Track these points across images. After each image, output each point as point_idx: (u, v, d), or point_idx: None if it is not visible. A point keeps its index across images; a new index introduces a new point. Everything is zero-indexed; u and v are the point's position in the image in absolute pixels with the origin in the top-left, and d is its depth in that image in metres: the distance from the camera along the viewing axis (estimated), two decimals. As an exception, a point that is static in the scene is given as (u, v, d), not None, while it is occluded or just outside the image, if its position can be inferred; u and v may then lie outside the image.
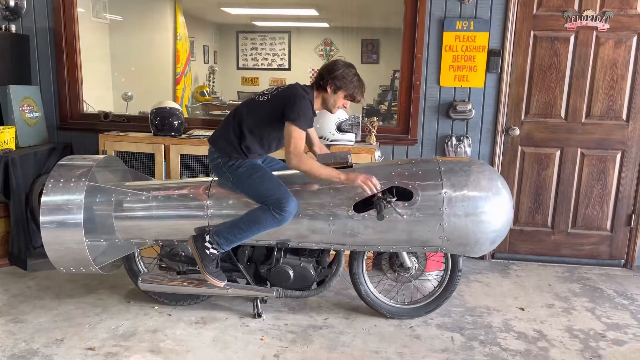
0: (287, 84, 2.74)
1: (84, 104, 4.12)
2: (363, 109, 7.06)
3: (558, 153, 3.76)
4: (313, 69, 9.55)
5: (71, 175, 2.63)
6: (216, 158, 2.72)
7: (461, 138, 3.75)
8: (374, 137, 3.65)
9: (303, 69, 9.73)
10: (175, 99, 6.02)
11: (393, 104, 8.10)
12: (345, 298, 3.15)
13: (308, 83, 2.73)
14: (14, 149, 3.47)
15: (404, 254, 2.82)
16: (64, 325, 2.72)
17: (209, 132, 3.71)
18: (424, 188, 2.57)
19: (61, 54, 3.94)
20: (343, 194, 2.62)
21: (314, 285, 2.84)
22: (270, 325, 2.79)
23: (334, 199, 2.62)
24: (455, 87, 3.73)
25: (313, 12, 7.48)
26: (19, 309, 2.88)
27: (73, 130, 4.05)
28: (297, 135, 2.52)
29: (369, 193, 2.52)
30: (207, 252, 2.63)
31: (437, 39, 3.68)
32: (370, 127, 3.68)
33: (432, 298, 2.90)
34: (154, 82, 5.97)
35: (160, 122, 3.64)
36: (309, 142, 2.91)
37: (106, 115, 3.99)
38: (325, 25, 9.14)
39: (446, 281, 2.88)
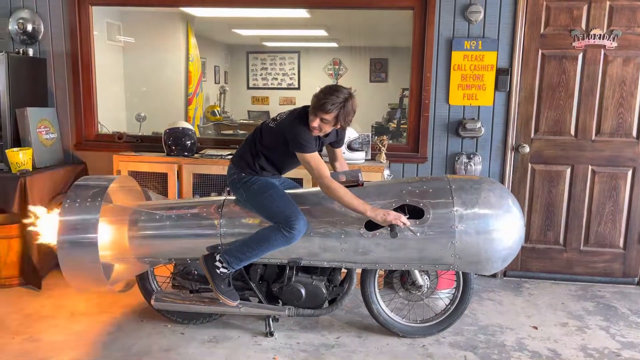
0: (294, 108, 2.79)
1: (99, 124, 4.19)
2: (372, 127, 7.12)
3: (569, 170, 3.76)
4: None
5: (87, 195, 2.68)
6: (233, 174, 2.77)
7: (471, 156, 3.77)
8: (384, 156, 3.68)
9: (312, 88, 9.79)
10: (187, 119, 6.10)
11: (402, 122, 8.15)
12: (357, 316, 3.15)
13: None
14: (31, 169, 3.54)
15: (416, 272, 2.83)
16: (79, 345, 2.74)
17: (222, 152, 3.79)
18: (435, 206, 2.59)
19: (77, 77, 4.03)
20: (354, 212, 2.64)
21: (326, 304, 2.85)
22: (283, 344, 2.80)
23: (346, 217, 2.64)
24: (464, 106, 3.77)
25: (322, 32, 7.59)
26: (34, 327, 2.91)
27: (88, 150, 4.12)
28: (312, 160, 2.58)
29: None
30: (218, 271, 2.65)
31: (446, 59, 3.73)
32: (380, 145, 3.71)
33: (444, 316, 2.89)
34: (167, 103, 6.07)
35: (174, 142, 3.70)
36: (332, 157, 2.98)
37: (120, 135, 4.06)
38: (334, 45, 9.25)
39: (458, 299, 2.88)
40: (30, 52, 3.93)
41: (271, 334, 2.86)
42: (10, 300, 3.27)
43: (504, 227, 2.57)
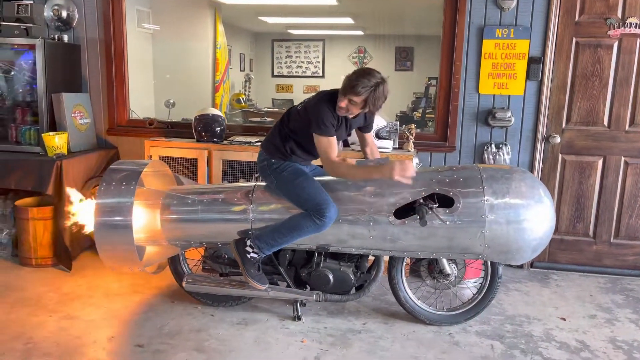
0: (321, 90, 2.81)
1: (130, 110, 4.27)
2: (397, 116, 7.08)
3: (600, 161, 3.70)
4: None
5: (122, 178, 2.75)
6: (263, 160, 2.81)
7: (500, 146, 3.74)
8: (411, 144, 3.67)
9: (336, 77, 9.81)
10: (214, 106, 6.17)
11: (427, 111, 8.09)
12: (383, 303, 3.17)
13: None
14: (66, 153, 3.64)
15: (444, 260, 2.83)
16: (114, 323, 2.83)
17: (250, 139, 3.82)
18: (465, 195, 2.58)
19: (110, 63, 4.11)
20: (384, 199, 2.66)
21: (353, 290, 2.88)
22: (310, 328, 2.84)
23: (375, 204, 2.66)
24: (494, 95, 3.73)
25: (349, 20, 7.55)
26: (70, 306, 3.01)
27: (119, 135, 4.20)
28: (323, 143, 2.59)
29: (408, 182, 2.51)
30: (248, 256, 2.70)
31: (477, 47, 3.69)
32: (408, 134, 3.70)
33: (471, 305, 2.90)
34: (194, 90, 6.13)
35: (204, 129, 3.75)
36: (362, 142, 3.00)
37: (151, 121, 4.13)
38: (360, 33, 9.20)
39: (485, 289, 2.88)
40: (65, 38, 4.02)
41: (299, 318, 2.91)
42: (47, 279, 3.38)
43: (534, 217, 2.56)
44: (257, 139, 3.79)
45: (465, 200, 2.58)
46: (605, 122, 3.66)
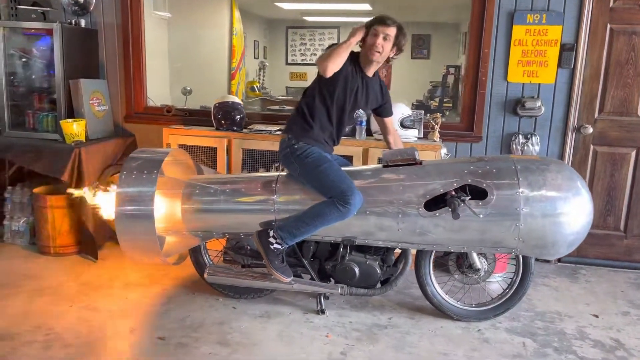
0: None
1: (147, 97, 4.20)
2: (412, 105, 6.93)
3: (634, 153, 3.57)
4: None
5: (143, 167, 2.67)
6: (285, 147, 2.73)
7: (528, 136, 3.61)
8: (437, 134, 3.56)
9: (352, 65, 9.67)
10: (230, 94, 6.08)
11: (445, 100, 7.91)
12: (408, 297, 3.09)
13: None
14: (84, 140, 3.57)
15: (474, 254, 2.74)
16: (135, 314, 2.78)
17: (270, 127, 3.73)
18: (499, 187, 2.48)
19: (127, 49, 4.02)
20: (413, 191, 2.56)
21: (378, 284, 2.79)
22: (334, 322, 2.77)
23: (403, 195, 2.56)
24: (523, 83, 3.60)
25: (367, 6, 7.39)
26: (91, 296, 2.96)
27: (137, 123, 4.13)
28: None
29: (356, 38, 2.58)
30: (272, 247, 2.62)
31: (506, 33, 3.55)
32: (434, 123, 3.59)
33: (502, 301, 2.81)
34: (210, 77, 6.04)
35: (223, 116, 3.66)
36: (384, 129, 2.97)
37: (169, 109, 4.05)
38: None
39: (516, 284, 2.78)
40: (83, 23, 3.93)
41: (322, 312, 2.83)
42: (66, 268, 3.34)
43: (572, 210, 2.45)
44: (277, 128, 3.70)
45: (499, 192, 2.47)
46: (639, 113, 3.52)
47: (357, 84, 2.71)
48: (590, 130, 3.56)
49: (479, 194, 2.52)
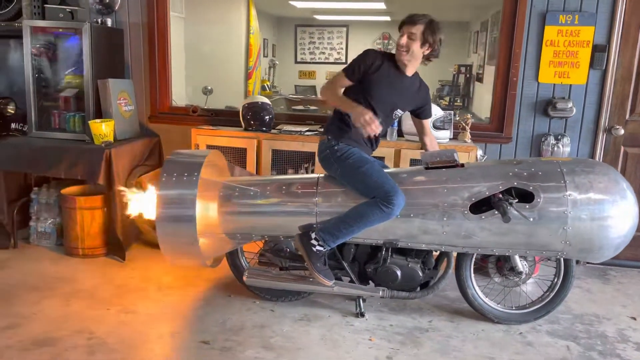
0: None
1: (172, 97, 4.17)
2: None
3: (664, 154, 3.56)
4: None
5: (183, 170, 2.65)
6: (325, 149, 2.72)
7: (559, 137, 3.60)
8: (468, 135, 3.55)
9: (360, 64, 9.64)
10: (247, 93, 6.05)
11: (455, 99, 7.90)
12: (444, 300, 3.07)
13: None
14: (113, 141, 3.54)
15: (516, 257, 2.72)
16: (174, 317, 2.76)
17: (299, 128, 3.71)
18: (546, 190, 2.46)
19: (153, 49, 3.99)
20: (458, 193, 2.54)
21: (418, 287, 2.78)
22: (375, 325, 2.75)
23: (448, 198, 2.54)
24: (554, 84, 3.58)
25: (381, 5, 7.36)
26: (127, 299, 2.94)
27: (162, 123, 4.10)
28: (335, 77, 2.68)
29: (368, 133, 2.50)
30: (314, 249, 2.60)
31: (538, 34, 3.54)
32: (464, 124, 3.58)
33: (543, 304, 2.79)
34: (227, 76, 6.01)
35: (253, 117, 3.64)
36: (421, 131, 2.95)
37: (195, 109, 4.02)
38: (386, 18, 9.00)
39: (557, 287, 2.77)
40: (109, 22, 3.90)
41: (362, 315, 2.82)
42: (98, 270, 3.31)
43: (619, 213, 2.44)
44: (307, 128, 3.68)
45: (546, 195, 2.46)
46: (671, 114, 3.51)
47: (396, 85, 2.69)
48: (622, 131, 3.55)
49: (523, 197, 2.50)
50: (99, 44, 3.61)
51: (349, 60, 2.73)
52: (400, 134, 3.56)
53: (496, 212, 2.46)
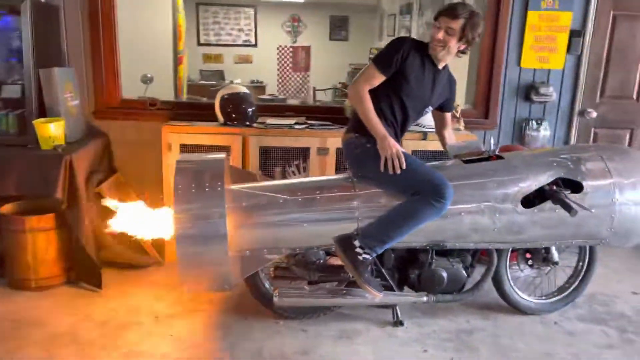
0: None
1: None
2: (336, 87, 6.71)
3: (628, 134, 3.80)
4: (281, 46, 9.11)
5: (201, 179, 2.19)
6: (355, 148, 2.45)
7: (539, 121, 3.66)
8: (462, 122, 3.45)
9: (271, 45, 9.24)
10: (177, 81, 5.41)
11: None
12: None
13: (275, 61, 2.54)
14: (64, 144, 2.88)
15: (553, 248, 2.68)
16: (197, 355, 2.30)
17: (283, 121, 3.32)
18: (593, 178, 2.43)
19: (97, 29, 3.31)
20: (507, 187, 2.41)
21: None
22: (419, 333, 2.55)
23: (498, 192, 2.40)
24: (535, 69, 3.62)
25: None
26: (124, 338, 2.39)
27: (110, 119, 3.45)
28: (366, 69, 2.41)
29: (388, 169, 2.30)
30: (360, 257, 2.31)
31: (521, 18, 3.53)
32: (454, 112, 3.47)
33: (569, 291, 2.80)
34: (153, 62, 5.29)
35: (234, 110, 3.20)
36: (441, 123, 2.77)
37: (153, 102, 3.44)
38: (298, 0, 8.71)
39: (583, 273, 2.79)
40: (41, -3, 3.15)
41: (401, 324, 2.60)
42: (65, 305, 2.67)
43: (657, 197, 2.49)
44: (295, 121, 3.33)
45: (593, 183, 2.43)
46: (635, 95, 3.73)
47: (429, 80, 2.47)
48: (595, 114, 3.70)
49: (567, 186, 2.45)
50: (38, 26, 2.88)
51: (260, 42, 2.40)
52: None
53: (548, 205, 2.37)
